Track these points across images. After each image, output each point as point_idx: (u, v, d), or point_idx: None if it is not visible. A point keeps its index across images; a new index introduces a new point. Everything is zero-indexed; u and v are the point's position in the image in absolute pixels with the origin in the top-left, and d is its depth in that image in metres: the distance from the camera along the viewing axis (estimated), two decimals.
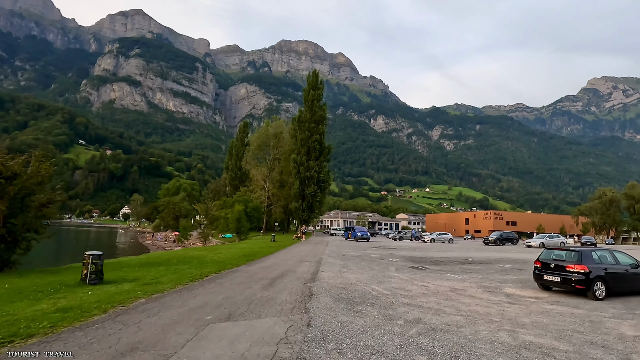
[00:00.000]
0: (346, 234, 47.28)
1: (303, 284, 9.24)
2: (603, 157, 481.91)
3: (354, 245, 30.32)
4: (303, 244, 30.54)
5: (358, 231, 43.31)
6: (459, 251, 27.37)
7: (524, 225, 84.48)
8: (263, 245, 25.22)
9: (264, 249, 21.19)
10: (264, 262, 14.69)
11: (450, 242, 44.01)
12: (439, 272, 13.95)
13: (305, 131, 56.12)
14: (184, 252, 19.79)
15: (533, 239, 38.53)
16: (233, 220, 43.26)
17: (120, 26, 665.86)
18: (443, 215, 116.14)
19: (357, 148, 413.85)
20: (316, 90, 58.57)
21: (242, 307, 6.53)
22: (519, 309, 7.60)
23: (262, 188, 62.19)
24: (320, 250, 23.27)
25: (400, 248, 28.60)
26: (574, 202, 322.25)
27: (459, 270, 14.73)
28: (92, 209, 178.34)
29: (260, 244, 28.38)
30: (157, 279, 9.06)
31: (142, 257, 16.13)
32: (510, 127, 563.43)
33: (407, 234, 52.96)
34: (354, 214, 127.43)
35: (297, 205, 55.44)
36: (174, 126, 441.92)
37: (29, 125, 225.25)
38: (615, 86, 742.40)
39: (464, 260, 18.94)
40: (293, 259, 16.69)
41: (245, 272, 11.41)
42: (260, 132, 68.83)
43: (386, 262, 16.99)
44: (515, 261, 19.34)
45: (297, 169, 55.02)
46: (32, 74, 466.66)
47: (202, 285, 8.57)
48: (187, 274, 10.06)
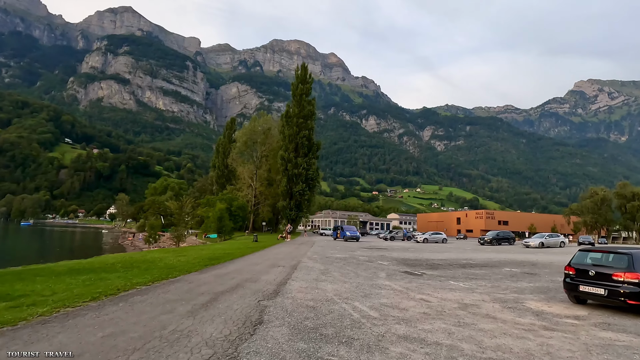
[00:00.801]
0: (334, 233, 44.69)
1: (257, 302, 6.54)
2: (589, 158, 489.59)
3: (342, 246, 27.68)
4: (286, 244, 27.88)
5: (347, 230, 40.56)
6: (455, 252, 24.90)
7: (515, 225, 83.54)
8: (240, 247, 22.46)
9: (239, 251, 18.46)
10: (225, 268, 11.91)
11: (444, 242, 41.95)
12: (438, 278, 11.39)
13: (293, 127, 53.51)
14: (142, 254, 16.93)
15: (532, 238, 36.45)
16: (214, 220, 40.53)
17: (109, 23, 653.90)
18: (434, 215, 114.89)
19: (349, 148, 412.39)
20: (305, 85, 55.95)
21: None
22: (567, 341, 5.13)
23: (249, 186, 59.80)
24: (302, 251, 20.60)
25: (391, 249, 26.08)
26: (562, 202, 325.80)
27: (461, 275, 12.23)
28: (77, 209, 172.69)
29: (239, 244, 25.73)
30: (49, 296, 6.35)
31: (82, 262, 13.25)
32: (500, 128, 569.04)
33: (398, 234, 50.69)
34: (345, 213, 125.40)
35: (284, 204, 52.94)
36: (164, 125, 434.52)
37: (13, 123, 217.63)
38: (601, 89, 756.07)
39: (464, 263, 16.38)
40: (264, 262, 14.03)
41: (190, 282, 8.57)
42: (247, 128, 65.89)
43: (375, 265, 14.53)
44: (522, 263, 16.97)
45: (284, 166, 52.49)
46: (17, 71, 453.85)
47: (101, 307, 5.73)
48: (106, 286, 7.33)
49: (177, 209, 43.74)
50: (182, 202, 46.22)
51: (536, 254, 24.96)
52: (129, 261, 12.74)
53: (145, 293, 7.01)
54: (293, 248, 23.55)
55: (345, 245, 29.86)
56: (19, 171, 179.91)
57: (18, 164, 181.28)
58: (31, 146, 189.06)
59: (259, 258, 15.80)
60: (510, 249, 31.94)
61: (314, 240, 36.24)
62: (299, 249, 23.01)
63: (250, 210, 57.19)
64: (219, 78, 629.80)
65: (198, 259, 13.82)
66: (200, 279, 9.25)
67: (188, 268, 11.06)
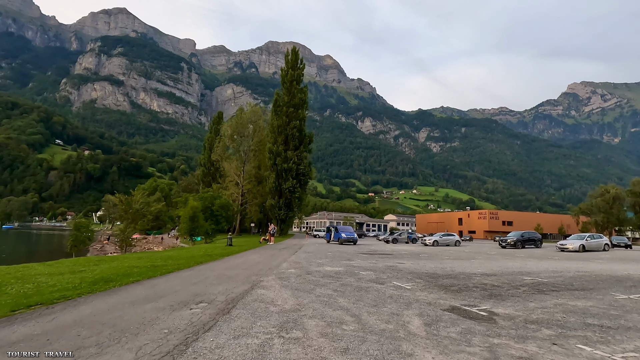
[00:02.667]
0: (328, 235, 38.30)
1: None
2: (583, 159, 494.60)
3: (335, 251, 22.61)
4: (265, 249, 23.17)
5: (342, 231, 34.90)
6: (484, 259, 18.58)
7: (520, 225, 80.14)
8: (201, 253, 17.64)
9: (188, 260, 13.81)
10: (80, 309, 6.00)
11: (457, 245, 36.57)
12: (534, 331, 5.12)
13: (282, 117, 48.54)
14: (22, 268, 10.94)
15: (569, 240, 30.67)
16: (185, 220, 35.98)
17: (103, 25, 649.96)
18: (434, 216, 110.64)
19: (345, 150, 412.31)
20: (295, 71, 50.91)
21: None
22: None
23: (236, 184, 54.76)
24: (277, 260, 15.18)
25: (399, 255, 20.47)
26: (557, 203, 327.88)
27: (575, 323, 5.63)
28: (66, 212, 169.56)
29: (204, 250, 21.48)
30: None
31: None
32: (495, 129, 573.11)
33: (402, 235, 44.58)
34: (341, 215, 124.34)
35: (272, 203, 48.12)
36: (158, 127, 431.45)
37: (2, 124, 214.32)
38: (594, 91, 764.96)
39: (531, 282, 10.09)
40: (190, 288, 7.97)
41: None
42: (233, 119, 59.76)
43: (391, 293, 7.96)
44: (615, 278, 11.12)
45: (273, 160, 47.71)
46: (9, 72, 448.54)
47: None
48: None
49: (125, 204, 33.99)
50: (133, 197, 36.17)
51: (592, 261, 18.55)
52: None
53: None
54: (268, 255, 18.10)
55: (340, 250, 24.58)
56: (6, 173, 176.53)
57: (6, 166, 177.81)
58: (20, 147, 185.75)
59: (197, 276, 10.04)
60: (545, 253, 24.92)
61: (303, 244, 31.54)
62: (275, 256, 17.64)
63: (236, 211, 52.44)
64: (214, 80, 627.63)
65: (90, 279, 8.84)
66: None
67: (41, 298, 6.66)
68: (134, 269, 11.02)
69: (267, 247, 24.91)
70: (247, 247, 24.58)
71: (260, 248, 24.01)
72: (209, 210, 40.47)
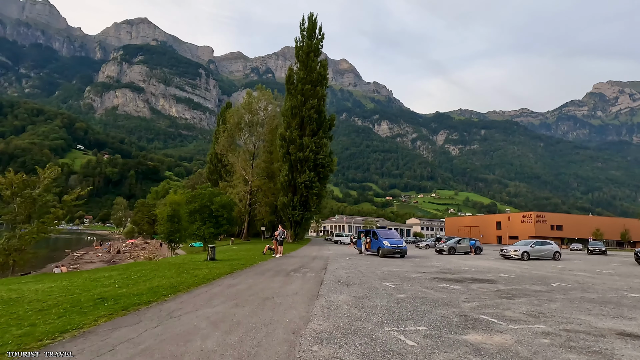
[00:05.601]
0: (359, 242, 27.01)
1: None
2: (611, 161, 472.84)
3: (393, 274, 12.95)
4: (265, 269, 13.69)
5: (384, 238, 23.55)
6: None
7: (571, 230, 72.23)
8: (140, 277, 10.54)
9: (68, 310, 6.10)
10: None
11: (556, 258, 25.05)
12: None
13: (297, 96, 39.84)
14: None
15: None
16: (163, 220, 28.11)
17: (125, 34, 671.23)
18: (467, 219, 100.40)
19: (361, 153, 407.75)
20: (312, 40, 41.87)
21: None
22: None
23: (244, 181, 47.23)
24: (273, 327, 5.26)
25: (500, 280, 11.91)
26: (584, 207, 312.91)
27: None
28: (84, 215, 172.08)
29: (156, 270, 12.77)
30: None
31: None
32: (516, 132, 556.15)
33: (461, 243, 30.93)
34: (360, 218, 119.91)
35: (285, 201, 39.53)
36: (177, 132, 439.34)
37: (26, 130, 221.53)
38: (621, 90, 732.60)
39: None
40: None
41: None
42: (240, 106, 51.78)
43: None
44: None
45: (285, 148, 39.27)
46: (37, 82, 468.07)
47: None
48: None
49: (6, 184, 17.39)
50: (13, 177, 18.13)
51: None
52: None
53: None
54: (259, 299, 7.54)
55: (394, 270, 14.22)
56: None
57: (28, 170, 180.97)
58: (42, 152, 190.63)
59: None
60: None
61: (325, 255, 22.24)
62: (275, 298, 7.62)
63: (243, 211, 45.31)
64: (231, 85, 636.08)
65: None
66: None
67: None
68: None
69: (271, 264, 15.79)
70: (239, 261, 16.25)
71: (258, 265, 14.96)
72: (207, 210, 33.09)
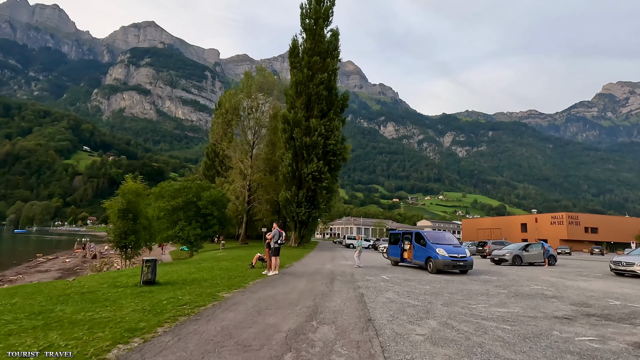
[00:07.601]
0: (393, 249, 18.12)
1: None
2: (623, 163, 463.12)
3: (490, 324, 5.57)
4: (237, 308, 6.31)
5: (437, 245, 14.80)
6: None
7: (608, 234, 66.86)
8: None
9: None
10: None
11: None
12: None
13: (303, 69, 33.04)
14: None
15: None
16: (114, 219, 18.98)
17: (132, 37, 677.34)
18: (486, 221, 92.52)
19: (367, 155, 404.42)
20: (321, 4, 34.55)
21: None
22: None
23: (241, 174, 40.87)
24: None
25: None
26: (596, 210, 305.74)
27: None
28: (87, 216, 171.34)
29: None
30: None
31: None
32: (524, 133, 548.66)
33: (531, 250, 21.96)
34: (368, 220, 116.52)
35: (288, 196, 32.58)
36: (183, 134, 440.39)
37: (33, 132, 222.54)
38: (632, 91, 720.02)
39: None
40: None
41: None
42: (237, 89, 45.77)
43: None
44: None
45: (288, 132, 32.73)
46: (45, 84, 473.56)
47: None
48: None
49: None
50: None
51: None
52: None
53: None
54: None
55: (474, 302, 7.61)
56: (34, 178, 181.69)
57: (33, 171, 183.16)
58: (47, 153, 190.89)
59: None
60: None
61: (348, 273, 13.15)
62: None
63: (240, 210, 39.73)
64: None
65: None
66: None
67: None
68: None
69: (248, 302, 6.94)
70: (190, 293, 7.74)
71: (213, 309, 6.26)
72: (193, 206, 27.96)
